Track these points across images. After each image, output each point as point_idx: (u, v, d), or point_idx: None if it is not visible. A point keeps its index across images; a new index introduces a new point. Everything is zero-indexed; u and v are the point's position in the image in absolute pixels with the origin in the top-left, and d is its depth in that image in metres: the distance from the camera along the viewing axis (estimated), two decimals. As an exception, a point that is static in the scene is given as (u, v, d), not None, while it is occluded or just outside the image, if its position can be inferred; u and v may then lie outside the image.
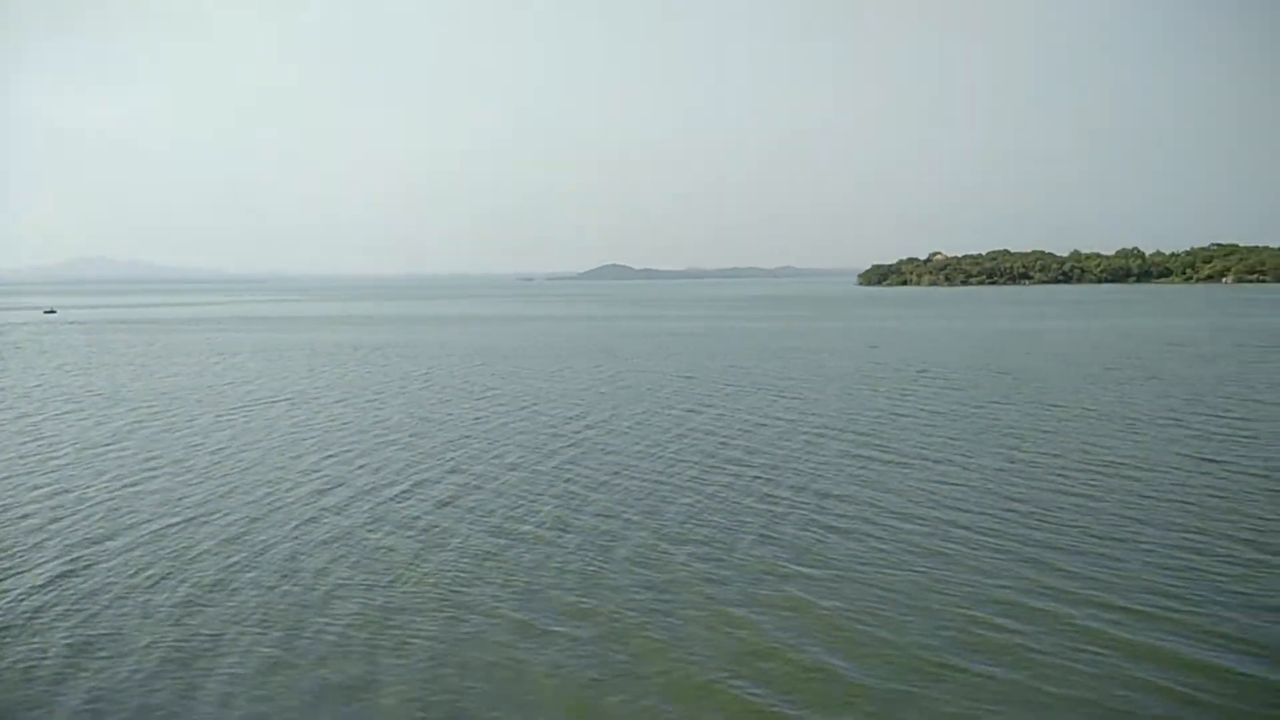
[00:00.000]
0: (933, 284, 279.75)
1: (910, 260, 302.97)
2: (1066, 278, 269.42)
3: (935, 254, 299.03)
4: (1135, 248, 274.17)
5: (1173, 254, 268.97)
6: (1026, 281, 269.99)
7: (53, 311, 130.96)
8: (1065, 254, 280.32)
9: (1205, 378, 40.69)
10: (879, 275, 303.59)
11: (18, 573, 15.56)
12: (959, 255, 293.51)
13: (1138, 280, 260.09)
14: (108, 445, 27.17)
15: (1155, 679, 11.30)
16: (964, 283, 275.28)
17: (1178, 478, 21.32)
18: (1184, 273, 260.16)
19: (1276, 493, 19.78)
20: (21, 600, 14.32)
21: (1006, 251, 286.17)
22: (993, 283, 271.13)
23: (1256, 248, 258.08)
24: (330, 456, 25.25)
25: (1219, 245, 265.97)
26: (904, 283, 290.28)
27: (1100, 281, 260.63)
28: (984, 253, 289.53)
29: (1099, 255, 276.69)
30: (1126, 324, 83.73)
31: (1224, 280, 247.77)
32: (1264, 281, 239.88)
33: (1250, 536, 16.63)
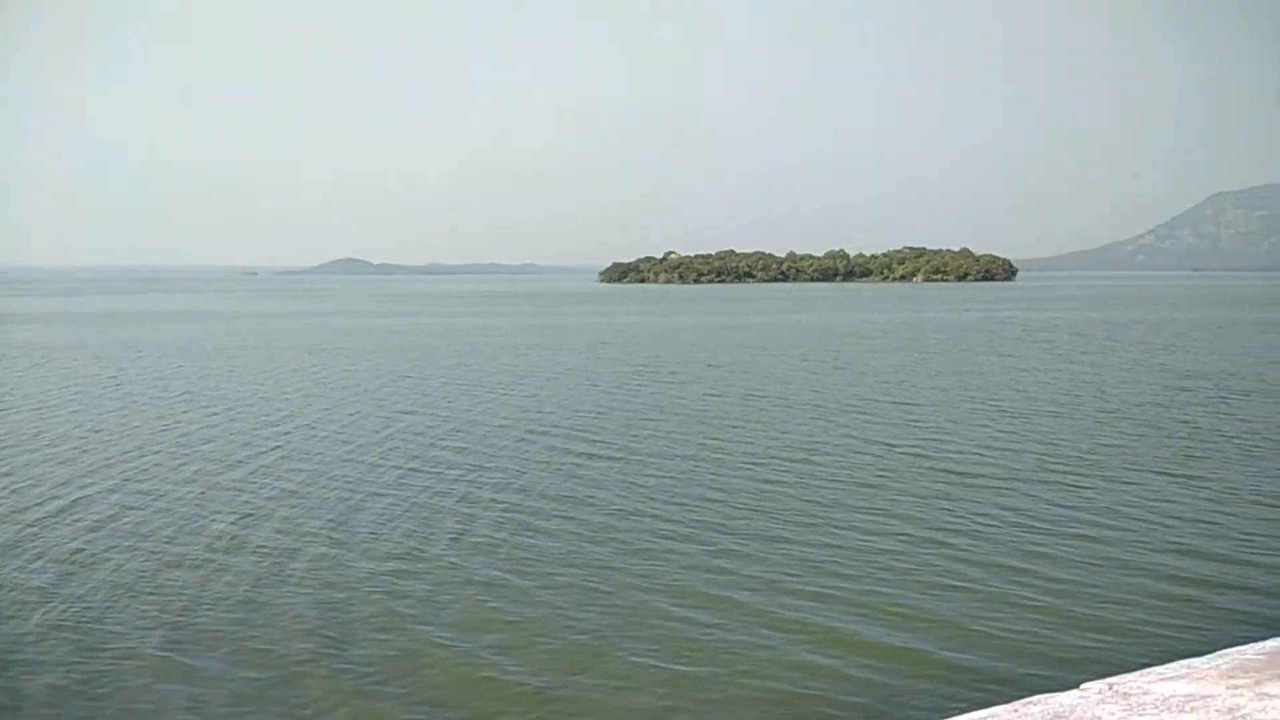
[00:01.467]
0: (668, 281, 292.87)
1: (648, 259, 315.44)
2: (784, 276, 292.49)
3: (670, 253, 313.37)
4: (842, 250, 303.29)
5: (872, 256, 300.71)
6: (751, 280, 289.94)
7: None
8: (783, 255, 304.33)
9: (885, 367, 45.31)
10: (619, 273, 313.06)
11: None
12: (691, 255, 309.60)
13: (844, 279, 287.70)
14: None
15: (826, 660, 11.96)
16: (696, 280, 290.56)
17: (856, 460, 23.27)
18: (882, 272, 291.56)
19: (942, 472, 22.08)
20: None
21: (733, 252, 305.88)
22: (721, 280, 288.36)
23: (940, 250, 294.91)
24: (-43, 478, 21.43)
25: (910, 248, 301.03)
26: (642, 280, 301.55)
27: (813, 280, 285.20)
28: (713, 252, 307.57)
29: (811, 256, 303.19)
30: (828, 319, 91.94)
31: (915, 279, 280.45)
32: (946, 280, 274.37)
33: (917, 514, 18.34)
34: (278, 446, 25.25)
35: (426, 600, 13.84)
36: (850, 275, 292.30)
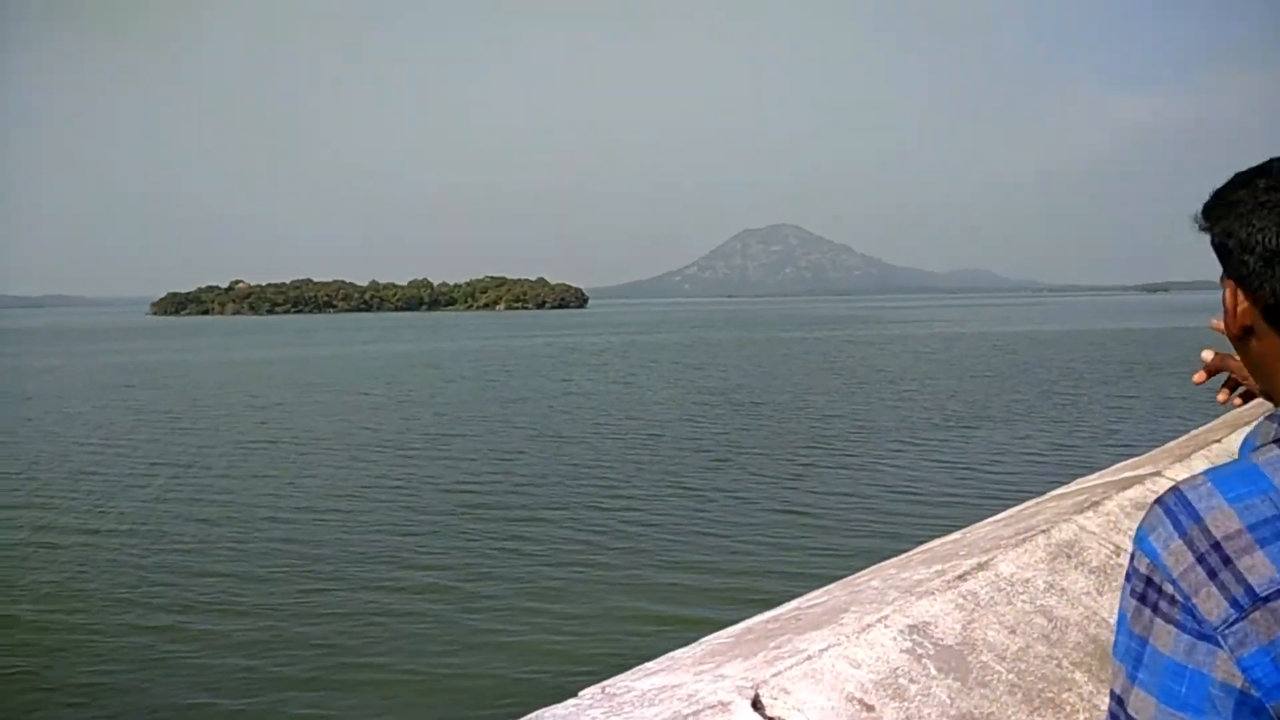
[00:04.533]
0: (237, 313, 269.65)
1: (210, 289, 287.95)
2: (368, 306, 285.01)
3: (237, 282, 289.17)
4: (425, 279, 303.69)
5: (456, 285, 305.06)
6: (331, 310, 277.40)
7: None
8: (365, 284, 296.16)
9: (450, 398, 44.69)
10: (175, 304, 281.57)
11: None
12: (263, 284, 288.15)
13: (429, 308, 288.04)
14: None
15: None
16: (270, 311, 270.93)
17: (394, 504, 21.82)
18: (466, 301, 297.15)
19: (481, 506, 21.38)
20: None
21: (310, 280, 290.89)
22: (299, 311, 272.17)
23: (520, 280, 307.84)
24: None
25: (492, 277, 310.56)
26: (205, 312, 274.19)
27: (398, 310, 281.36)
28: (288, 281, 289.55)
29: (395, 285, 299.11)
30: (405, 348, 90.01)
31: (497, 307, 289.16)
32: (526, 308, 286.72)
33: (446, 557, 17.31)
34: None
35: None
36: (435, 304, 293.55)
